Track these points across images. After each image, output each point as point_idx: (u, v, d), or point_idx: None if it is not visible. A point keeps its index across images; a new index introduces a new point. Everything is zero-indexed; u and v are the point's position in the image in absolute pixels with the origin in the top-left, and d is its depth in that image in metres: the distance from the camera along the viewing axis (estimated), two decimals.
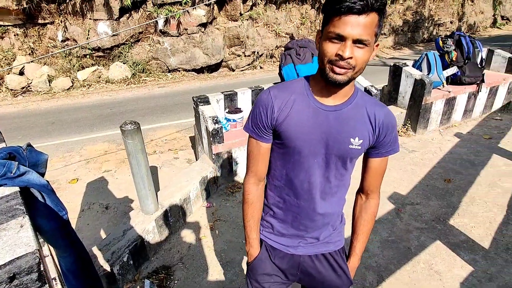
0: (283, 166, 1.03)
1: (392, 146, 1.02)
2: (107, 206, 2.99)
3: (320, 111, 0.95)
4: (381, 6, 0.81)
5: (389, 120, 0.99)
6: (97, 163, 3.83)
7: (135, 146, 2.05)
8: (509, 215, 2.60)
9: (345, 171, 1.02)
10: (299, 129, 0.95)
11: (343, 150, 0.96)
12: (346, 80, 0.86)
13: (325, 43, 0.85)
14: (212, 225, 2.64)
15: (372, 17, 0.80)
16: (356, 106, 0.96)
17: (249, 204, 1.09)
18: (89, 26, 7.21)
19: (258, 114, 0.99)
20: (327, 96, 0.95)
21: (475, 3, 14.69)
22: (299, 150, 0.97)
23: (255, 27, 8.77)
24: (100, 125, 5.05)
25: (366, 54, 0.84)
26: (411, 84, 4.03)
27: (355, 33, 0.80)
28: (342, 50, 0.81)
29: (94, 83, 7.31)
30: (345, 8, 0.78)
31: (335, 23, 0.81)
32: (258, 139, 1.02)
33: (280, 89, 0.98)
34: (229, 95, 3.42)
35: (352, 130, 0.95)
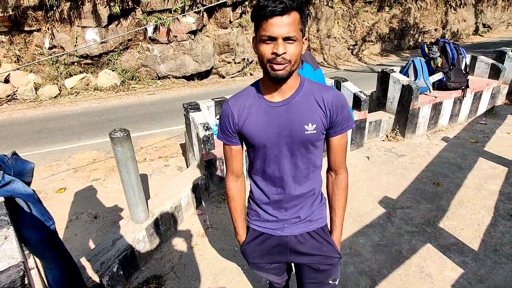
0: (256, 161, 1.16)
1: (347, 123, 1.12)
2: (96, 215, 2.93)
3: (271, 108, 1.07)
4: (299, 5, 0.94)
5: (338, 100, 1.08)
6: (85, 172, 3.76)
7: (125, 154, 2.02)
8: (496, 217, 2.65)
9: (311, 155, 1.12)
10: (257, 127, 1.08)
11: (300, 137, 1.07)
12: (286, 74, 0.98)
13: (261, 46, 0.97)
14: (204, 233, 2.60)
15: (294, 16, 0.93)
16: (304, 95, 1.07)
17: (231, 199, 1.26)
18: (77, 34, 7.14)
19: (223, 123, 1.14)
20: (275, 93, 1.07)
21: (458, 11, 15.17)
22: (263, 145, 1.09)
23: (245, 34, 8.84)
24: (89, 133, 4.97)
25: (296, 48, 0.96)
26: (398, 90, 4.11)
27: (283, 31, 0.92)
28: (276, 48, 0.94)
29: (82, 90, 7.21)
30: (269, 12, 0.91)
31: (264, 27, 0.94)
32: (229, 143, 1.18)
33: (236, 98, 1.13)
34: (220, 101, 3.41)
35: (304, 118, 1.06)
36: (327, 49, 10.76)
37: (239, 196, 1.26)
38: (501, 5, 17.94)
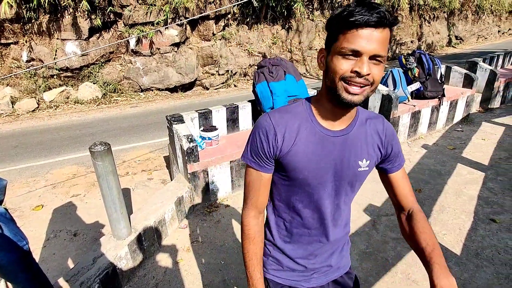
0: (288, 198, 0.94)
1: (401, 157, 0.98)
2: (75, 233, 2.81)
3: (328, 137, 0.88)
4: (394, 22, 0.76)
5: (391, 129, 0.96)
6: (64, 188, 3.63)
7: (106, 168, 1.97)
8: (476, 221, 2.72)
9: (353, 194, 0.98)
10: (306, 159, 0.87)
11: (353, 175, 0.91)
12: (362, 100, 0.79)
13: (337, 59, 0.77)
14: (189, 247, 2.54)
15: (387, 32, 0.76)
16: (360, 125, 0.92)
17: (251, 240, 0.96)
18: (56, 46, 7.01)
19: (259, 143, 0.89)
20: (333, 120, 0.88)
21: (432, 24, 15.92)
22: (308, 182, 0.89)
23: (228, 46, 8.92)
24: (68, 148, 4.82)
25: (381, 70, 0.79)
26: (379, 99, 4.23)
27: (372, 48, 0.74)
28: (360, 67, 0.74)
29: (62, 104, 7.03)
30: (361, 21, 0.72)
31: (349, 37, 0.74)
32: (259, 169, 0.92)
33: (281, 115, 0.89)
34: (204, 113, 3.40)
35: (359, 153, 0.90)
36: (309, 60, 10.99)
37: (261, 237, 0.98)
38: (471, 19, 18.98)
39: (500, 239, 2.49)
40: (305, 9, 10.35)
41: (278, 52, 10.01)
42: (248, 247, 0.97)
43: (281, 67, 3.40)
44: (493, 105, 5.93)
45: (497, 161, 3.81)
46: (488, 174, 3.50)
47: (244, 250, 0.98)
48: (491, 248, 2.39)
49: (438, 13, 16.01)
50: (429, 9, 15.05)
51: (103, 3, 7.17)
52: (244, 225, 0.98)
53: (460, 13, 17.88)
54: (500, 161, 3.82)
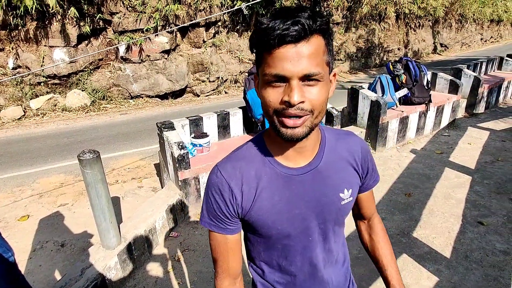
0: (270, 257, 0.81)
1: (376, 174, 0.89)
2: (62, 243, 2.74)
3: (294, 177, 0.73)
4: (324, 26, 0.60)
5: (365, 149, 0.84)
6: (51, 197, 3.54)
7: (94, 176, 1.94)
8: (465, 224, 2.77)
9: (342, 229, 0.87)
10: (275, 210, 0.73)
11: (336, 211, 0.77)
12: (307, 132, 0.64)
13: (265, 90, 0.63)
14: (180, 256, 2.51)
15: (316, 42, 0.60)
16: (330, 152, 0.77)
17: None
18: (44, 53, 6.91)
19: (215, 204, 0.74)
20: (293, 155, 0.73)
21: (417, 32, 16.34)
22: (285, 234, 0.75)
23: (219, 53, 8.96)
24: (56, 156, 4.72)
25: (322, 91, 0.62)
26: (368, 105, 4.29)
27: (299, 68, 0.59)
28: (289, 95, 0.60)
29: (49, 111, 6.91)
30: (276, 38, 0.58)
31: (269, 61, 0.60)
32: (223, 233, 0.77)
33: (233, 164, 0.75)
34: (195, 120, 3.39)
35: (337, 184, 0.77)
36: None
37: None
38: (455, 27, 19.58)
39: (488, 241, 2.53)
40: None
41: None
42: None
43: None
44: (478, 110, 6.09)
45: (483, 165, 3.90)
46: (475, 178, 3.58)
47: None
48: (480, 251, 2.43)
49: (423, 22, 16.47)
50: (414, 17, 15.46)
51: (92, 10, 7.13)
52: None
53: (445, 22, 18.42)
54: (486, 164, 3.92)
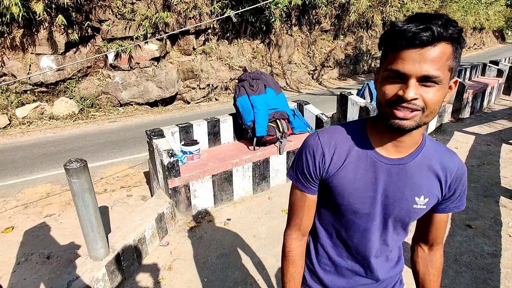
0: (332, 224, 0.88)
1: (461, 201, 0.86)
2: (48, 255, 2.66)
3: (381, 164, 0.78)
4: (454, 34, 0.63)
5: (462, 172, 0.83)
6: (37, 208, 3.45)
7: (82, 186, 1.90)
8: (454, 227, 2.81)
9: (404, 232, 0.88)
10: (353, 185, 0.79)
11: (406, 211, 0.81)
12: (413, 125, 0.68)
13: (383, 83, 0.69)
14: (170, 265, 2.46)
15: (442, 48, 0.63)
16: (424, 157, 0.80)
17: (291, 263, 0.91)
18: (30, 61, 6.80)
19: (305, 162, 0.83)
20: (390, 146, 0.78)
21: None
22: (354, 210, 0.81)
23: (209, 61, 8.97)
24: (42, 165, 4.62)
25: (437, 94, 0.66)
26: (357, 111, 4.35)
27: (420, 69, 0.63)
28: (404, 91, 0.65)
29: (36, 120, 6.78)
30: (404, 41, 0.63)
31: (393, 59, 0.66)
32: (304, 190, 0.86)
33: (331, 134, 0.83)
34: (185, 127, 3.37)
35: (417, 188, 0.79)
36: (289, 74, 11.22)
37: (302, 261, 0.93)
38: None
39: (477, 244, 2.57)
40: (284, 25, 10.64)
41: (259, 66, 10.16)
42: (287, 269, 0.92)
43: (261, 80, 3.45)
44: (463, 115, 6.24)
45: (469, 169, 3.97)
46: None
47: (283, 271, 0.93)
48: (469, 254, 2.46)
49: None
50: None
51: (81, 18, 7.08)
52: (285, 246, 0.92)
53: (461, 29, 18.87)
54: (473, 168, 3.99)
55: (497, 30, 31.63)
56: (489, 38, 29.23)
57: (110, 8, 7.31)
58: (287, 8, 10.00)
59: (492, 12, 24.51)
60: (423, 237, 0.95)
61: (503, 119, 6.17)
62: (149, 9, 7.66)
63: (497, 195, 3.31)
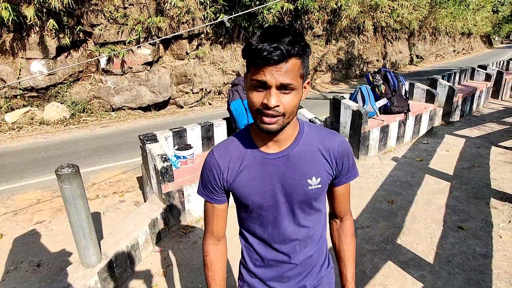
0: (249, 222, 0.99)
1: (352, 172, 0.99)
2: (39, 263, 2.61)
3: (267, 160, 0.90)
4: (299, 51, 0.76)
5: (343, 148, 0.95)
6: (27, 214, 3.38)
7: (73, 192, 1.87)
8: (446, 229, 2.84)
9: (315, 211, 0.97)
10: (251, 185, 0.91)
11: (303, 194, 0.91)
12: (279, 128, 0.82)
13: (251, 92, 0.81)
14: (164, 272, 2.43)
15: (293, 62, 0.76)
16: (305, 144, 0.92)
17: (208, 267, 1.02)
18: (20, 65, 6.71)
19: (206, 177, 0.96)
20: (270, 144, 0.90)
21: (394, 44, 17.00)
22: (259, 205, 0.93)
23: (202, 65, 8.98)
24: (32, 171, 4.54)
25: (294, 98, 0.80)
26: (349, 115, 4.39)
27: (277, 80, 0.76)
28: (267, 99, 0.77)
29: (26, 125, 6.67)
30: (261, 61, 0.75)
31: (255, 72, 0.78)
32: (211, 201, 0.98)
33: (223, 148, 0.95)
34: (178, 131, 3.36)
35: (306, 171, 0.91)
36: None
37: (220, 263, 1.03)
38: (429, 40, 20.52)
39: (469, 245, 2.60)
40: None
41: None
42: (207, 273, 1.03)
43: None
44: (454, 118, 6.34)
45: (460, 171, 4.04)
46: (454, 184, 3.69)
47: (206, 275, 1.03)
48: (461, 255, 2.49)
49: (399, 34, 17.17)
50: (391, 30, 16.10)
51: (72, 22, 7.03)
52: (203, 252, 1.04)
53: (419, 34, 19.27)
54: (463, 170, 4.06)
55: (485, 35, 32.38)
56: (477, 43, 29.87)
57: (102, 13, 7.28)
58: (279, 13, 10.09)
59: (480, 18, 25.11)
60: (333, 212, 1.08)
61: (492, 122, 6.30)
62: (142, 13, 7.65)
63: (488, 197, 3.36)
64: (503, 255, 2.47)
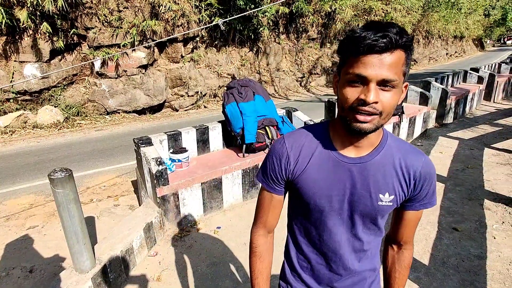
0: (303, 222, 0.92)
1: (429, 199, 0.89)
2: (31, 269, 2.57)
3: (342, 163, 0.83)
4: (407, 43, 0.70)
5: (427, 170, 0.86)
6: (19, 219, 3.33)
7: (66, 196, 1.85)
8: (441, 231, 2.85)
9: (376, 228, 0.90)
10: (318, 185, 0.84)
11: (371, 208, 0.84)
12: (372, 128, 0.74)
13: (344, 88, 0.74)
14: (159, 276, 2.41)
15: (398, 54, 0.70)
16: (385, 156, 0.83)
17: (258, 258, 0.95)
18: (14, 69, 6.65)
19: (271, 165, 0.89)
20: (350, 146, 0.83)
21: None
22: (320, 208, 0.86)
23: (197, 68, 8.98)
24: (25, 175, 4.48)
25: (394, 97, 0.72)
26: None
27: (380, 73, 0.69)
28: (365, 94, 0.70)
29: (19, 129, 6.60)
30: (365, 47, 0.68)
31: (354, 63, 0.71)
32: (270, 191, 0.92)
33: (296, 138, 0.88)
34: (173, 135, 3.34)
35: (381, 185, 0.83)
36: (278, 81, 11.32)
37: (269, 256, 0.97)
38: (423, 43, 20.76)
39: (463, 247, 2.62)
40: (271, 33, 10.76)
41: (247, 73, 10.22)
42: (255, 264, 0.96)
43: (250, 88, 3.47)
44: (447, 120, 6.41)
45: (454, 173, 4.07)
46: (448, 185, 3.72)
47: (251, 267, 0.97)
48: (456, 256, 2.50)
49: None
50: None
51: (66, 25, 6.99)
52: (252, 242, 0.97)
53: (413, 38, 19.45)
54: (457, 172, 4.09)
55: (477, 38, 32.87)
56: (469, 46, 30.30)
57: (96, 16, 7.26)
58: (274, 16, 10.15)
59: (472, 22, 25.50)
60: (393, 236, 0.98)
61: (485, 124, 6.37)
62: (137, 17, 7.64)
63: (481, 198, 3.39)
64: (497, 256, 2.49)
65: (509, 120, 6.64)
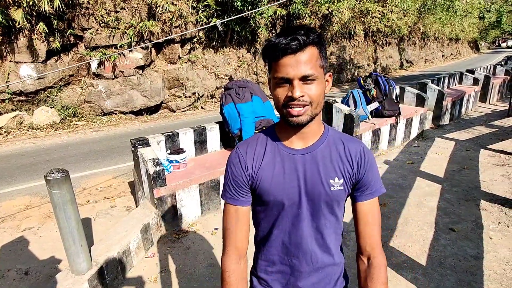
0: (267, 224, 0.95)
1: (377, 185, 0.94)
2: (27, 271, 2.54)
3: (292, 156, 0.89)
4: (315, 39, 0.80)
5: (367, 154, 0.93)
6: (15, 221, 3.30)
7: (63, 197, 1.83)
8: (438, 231, 2.87)
9: (335, 218, 0.93)
10: (274, 180, 0.89)
11: (325, 195, 0.89)
12: (308, 118, 0.83)
13: (275, 89, 0.84)
14: (156, 278, 2.39)
15: (311, 51, 0.79)
16: (329, 144, 0.91)
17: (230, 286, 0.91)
18: (9, 69, 6.60)
19: (231, 174, 0.93)
20: (295, 139, 0.90)
21: (385, 49, 17.26)
22: (280, 202, 0.89)
23: (195, 69, 8.96)
24: (20, 177, 4.44)
25: (318, 87, 0.81)
26: (342, 119, 4.42)
27: (298, 71, 0.78)
28: (292, 91, 0.80)
29: (14, 130, 6.54)
30: (280, 52, 0.78)
31: (276, 68, 0.81)
32: (235, 204, 0.93)
33: (248, 143, 0.95)
34: (170, 135, 3.33)
35: (329, 170, 0.89)
36: None
37: (243, 283, 0.92)
38: (419, 45, 20.91)
39: (460, 247, 2.63)
40: (269, 34, 10.78)
41: (244, 74, 10.23)
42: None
43: (248, 89, 3.47)
44: (443, 121, 6.45)
45: (451, 174, 4.09)
46: (445, 186, 3.74)
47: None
48: (453, 257, 2.51)
49: (390, 39, 17.45)
50: (381, 35, 16.36)
51: (63, 26, 6.95)
52: (223, 271, 0.92)
53: (409, 40, 19.63)
54: (454, 173, 4.11)
55: (472, 40, 33.15)
56: (464, 49, 30.55)
57: (93, 16, 7.23)
58: (272, 18, 10.16)
59: (467, 24, 25.72)
60: (359, 242, 0.95)
61: (480, 125, 6.42)
62: (134, 17, 7.62)
63: (478, 199, 3.41)
64: (493, 256, 2.50)
65: (504, 121, 6.69)
